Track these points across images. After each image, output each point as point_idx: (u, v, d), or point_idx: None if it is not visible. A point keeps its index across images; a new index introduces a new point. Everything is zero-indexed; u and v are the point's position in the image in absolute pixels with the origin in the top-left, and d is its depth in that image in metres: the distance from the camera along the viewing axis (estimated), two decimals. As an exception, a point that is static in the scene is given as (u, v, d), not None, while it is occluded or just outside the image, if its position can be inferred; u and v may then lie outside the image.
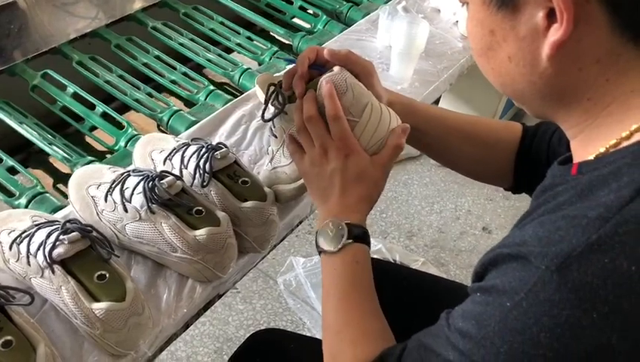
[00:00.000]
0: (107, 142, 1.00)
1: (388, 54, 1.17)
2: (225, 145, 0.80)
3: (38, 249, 0.67)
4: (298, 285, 1.79)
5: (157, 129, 1.06)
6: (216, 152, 0.78)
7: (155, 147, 0.86)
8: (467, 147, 0.87)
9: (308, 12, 1.37)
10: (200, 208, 0.74)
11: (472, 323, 0.49)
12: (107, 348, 0.66)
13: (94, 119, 1.02)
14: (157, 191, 0.72)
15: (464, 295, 0.54)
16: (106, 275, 0.67)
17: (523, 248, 0.47)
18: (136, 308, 0.66)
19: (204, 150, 0.78)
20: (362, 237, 0.69)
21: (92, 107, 1.03)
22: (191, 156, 0.79)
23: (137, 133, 0.98)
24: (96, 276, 0.66)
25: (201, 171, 0.77)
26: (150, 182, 0.73)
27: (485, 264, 0.52)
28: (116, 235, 0.76)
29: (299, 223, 0.93)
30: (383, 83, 0.81)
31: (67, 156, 0.94)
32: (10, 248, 0.70)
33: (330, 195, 0.72)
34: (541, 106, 0.57)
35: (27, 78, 1.07)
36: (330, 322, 0.67)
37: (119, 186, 0.75)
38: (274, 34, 1.33)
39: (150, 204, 0.72)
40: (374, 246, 1.85)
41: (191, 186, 0.78)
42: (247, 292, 1.79)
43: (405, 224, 2.06)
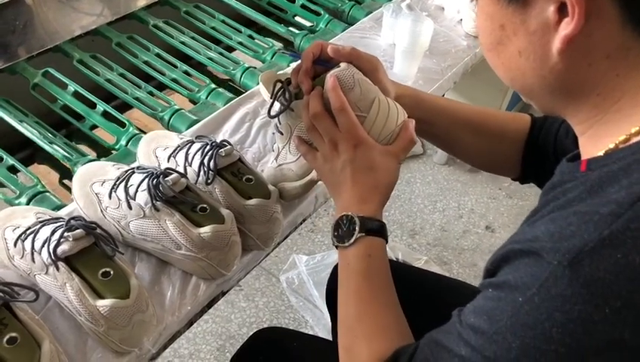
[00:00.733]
0: (108, 141, 1.00)
1: (392, 52, 1.17)
2: (229, 142, 0.80)
3: (43, 246, 0.67)
4: (300, 283, 1.79)
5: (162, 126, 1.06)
6: (220, 150, 0.78)
7: (160, 144, 0.86)
8: (474, 138, 0.86)
9: (310, 10, 1.37)
10: (204, 205, 0.74)
11: (484, 318, 0.49)
12: (111, 345, 0.66)
13: (95, 118, 1.02)
14: (161, 188, 0.72)
15: (467, 293, 0.53)
16: (110, 272, 0.67)
17: (535, 244, 0.47)
18: (140, 306, 0.66)
19: (208, 147, 0.78)
20: (377, 230, 0.68)
21: (93, 106, 1.03)
22: (195, 153, 0.79)
23: (138, 132, 0.98)
24: (100, 273, 0.66)
25: (205, 169, 0.77)
26: (154, 179, 0.73)
27: (497, 260, 0.52)
28: (120, 232, 0.76)
29: (302, 221, 0.93)
30: (387, 81, 0.81)
31: (68, 155, 0.94)
32: (14, 245, 0.70)
33: (343, 188, 0.71)
34: (550, 101, 0.57)
35: (28, 77, 1.07)
36: (344, 316, 0.67)
37: (123, 183, 0.75)
38: (276, 32, 1.32)
39: (154, 202, 0.72)
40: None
41: (195, 184, 0.78)
42: (249, 289, 1.79)
43: (408, 222, 2.06)
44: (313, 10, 1.36)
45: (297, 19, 1.37)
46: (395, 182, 0.72)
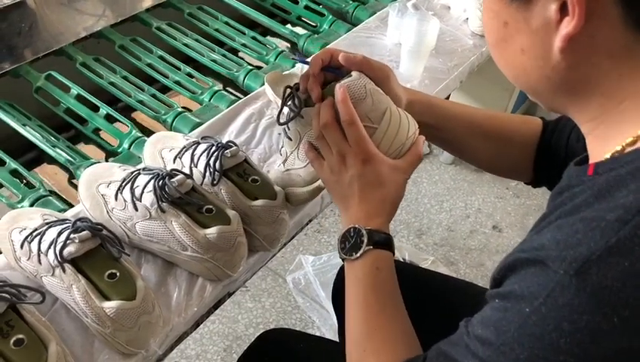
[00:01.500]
0: (111, 143, 1.00)
1: (398, 52, 1.17)
2: (235, 143, 0.80)
3: (49, 247, 0.67)
4: (307, 283, 1.79)
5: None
6: (226, 151, 0.78)
7: (165, 145, 0.86)
8: (485, 142, 0.86)
9: (314, 11, 1.36)
10: (210, 206, 0.74)
11: (491, 329, 0.48)
12: (118, 347, 0.66)
13: (98, 121, 1.01)
14: (167, 189, 0.72)
15: (474, 294, 0.53)
16: (117, 274, 0.67)
17: (541, 253, 0.46)
18: (146, 307, 0.66)
19: (214, 148, 0.78)
20: (384, 243, 0.68)
21: (96, 109, 1.03)
22: (201, 154, 0.79)
23: (141, 135, 0.98)
24: (106, 275, 0.66)
25: (211, 169, 0.77)
26: (160, 180, 0.73)
27: (503, 269, 0.51)
28: (126, 234, 0.76)
29: (308, 222, 0.93)
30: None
31: (71, 158, 0.93)
32: (21, 246, 0.70)
33: (350, 202, 0.71)
34: (555, 99, 0.57)
35: (31, 80, 1.06)
36: (352, 331, 0.66)
37: (129, 185, 0.75)
38: (279, 34, 1.32)
39: (160, 203, 0.72)
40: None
41: (201, 185, 0.78)
42: (256, 290, 1.79)
43: (415, 222, 2.05)
44: (317, 11, 1.35)
45: (301, 20, 1.36)
46: (402, 196, 0.72)
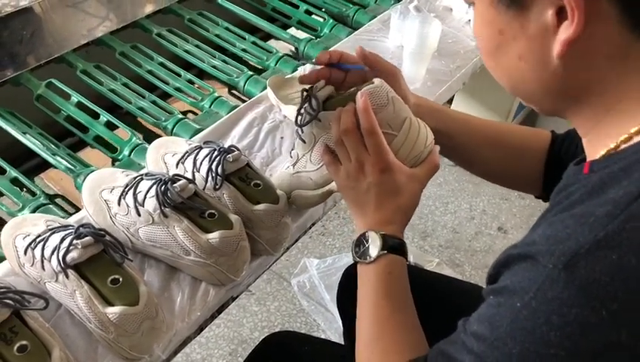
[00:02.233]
0: (111, 151, 1.00)
1: (400, 54, 1.17)
2: (237, 147, 0.80)
3: (52, 253, 0.67)
4: (312, 286, 1.78)
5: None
6: (228, 155, 0.78)
7: (168, 150, 0.86)
8: (493, 152, 0.86)
9: (314, 16, 1.36)
10: (213, 211, 0.74)
11: (485, 324, 0.49)
12: (121, 352, 0.66)
13: (98, 128, 1.01)
14: (170, 194, 0.72)
15: (479, 295, 0.53)
16: (120, 279, 0.67)
17: (532, 248, 0.47)
18: (149, 312, 0.66)
19: (216, 153, 0.78)
20: (397, 248, 0.68)
21: (96, 116, 1.03)
22: (203, 159, 0.79)
23: (142, 142, 0.98)
24: (109, 280, 0.66)
25: (213, 174, 0.77)
26: (163, 185, 0.73)
27: (497, 266, 0.52)
28: (129, 239, 0.76)
29: (312, 225, 0.93)
30: (395, 83, 0.81)
31: (71, 166, 0.93)
32: (25, 253, 0.70)
33: (366, 209, 0.71)
34: (551, 104, 0.57)
35: (32, 88, 1.06)
36: (363, 333, 0.67)
37: (132, 190, 0.75)
38: (280, 38, 1.32)
39: (163, 208, 0.72)
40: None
41: (203, 189, 0.78)
42: (261, 294, 1.79)
43: (419, 224, 2.05)
44: (317, 15, 1.35)
45: (301, 25, 1.36)
46: (417, 204, 0.72)
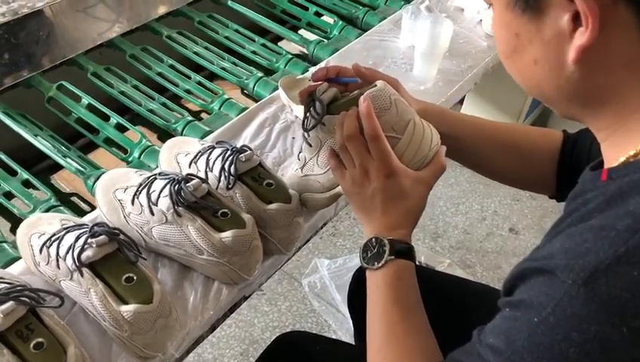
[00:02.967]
0: (121, 153, 1.00)
1: (411, 54, 1.17)
2: (249, 147, 0.80)
3: (67, 252, 0.68)
4: (323, 287, 1.79)
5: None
6: (240, 155, 0.78)
7: (181, 150, 0.87)
8: (503, 154, 0.85)
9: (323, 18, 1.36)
10: (225, 210, 0.74)
11: (502, 338, 0.48)
12: (135, 350, 0.67)
13: (109, 130, 1.02)
14: (183, 194, 0.73)
15: (490, 297, 0.53)
16: (134, 278, 0.67)
17: (550, 262, 0.46)
18: (163, 311, 0.67)
19: (228, 153, 0.79)
20: (406, 253, 0.68)
21: (106, 118, 1.04)
22: (216, 159, 0.80)
23: (151, 145, 0.98)
24: (123, 278, 0.67)
25: (226, 174, 0.78)
26: (176, 185, 0.73)
27: (514, 278, 0.51)
28: (143, 238, 0.76)
29: (323, 225, 0.93)
30: (407, 84, 0.81)
31: (81, 168, 0.94)
32: (40, 251, 0.71)
33: (372, 215, 0.71)
34: (569, 109, 0.56)
35: (43, 90, 1.07)
36: (373, 339, 0.67)
37: (146, 189, 0.76)
38: (290, 40, 1.32)
39: (176, 207, 0.73)
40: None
41: (216, 189, 0.78)
42: (272, 294, 1.79)
43: (430, 225, 2.04)
44: (327, 17, 1.35)
45: (311, 27, 1.36)
46: (424, 207, 0.72)
